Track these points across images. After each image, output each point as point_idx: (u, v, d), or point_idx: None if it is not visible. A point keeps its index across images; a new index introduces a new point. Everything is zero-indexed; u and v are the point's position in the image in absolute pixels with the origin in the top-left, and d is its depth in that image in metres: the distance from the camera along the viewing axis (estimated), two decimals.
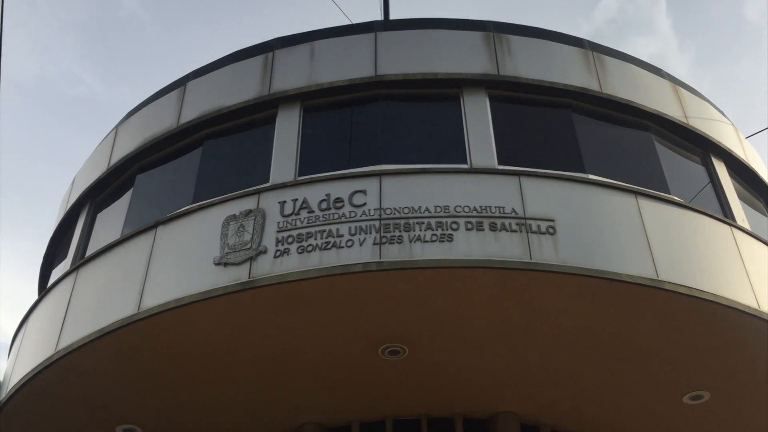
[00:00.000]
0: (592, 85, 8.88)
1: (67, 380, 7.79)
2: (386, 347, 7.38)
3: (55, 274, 10.14)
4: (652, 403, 8.28)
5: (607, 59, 9.33)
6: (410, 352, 7.46)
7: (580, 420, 8.65)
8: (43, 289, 9.64)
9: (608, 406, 8.38)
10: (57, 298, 8.45)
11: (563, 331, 7.24)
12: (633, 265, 6.88)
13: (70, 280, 8.41)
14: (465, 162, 7.89)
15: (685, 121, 9.28)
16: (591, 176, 7.88)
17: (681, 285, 6.89)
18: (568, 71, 8.92)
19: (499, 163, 7.86)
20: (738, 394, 8.14)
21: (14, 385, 8.08)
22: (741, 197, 9.39)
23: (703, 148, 9.48)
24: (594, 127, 8.78)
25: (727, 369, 7.73)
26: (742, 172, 9.86)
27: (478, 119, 8.28)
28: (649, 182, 8.19)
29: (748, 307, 7.17)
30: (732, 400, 8.24)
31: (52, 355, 7.57)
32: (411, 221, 6.96)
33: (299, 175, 7.91)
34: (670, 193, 8.16)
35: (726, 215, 8.62)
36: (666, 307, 6.99)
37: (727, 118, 10.29)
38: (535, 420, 8.62)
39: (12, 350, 9.29)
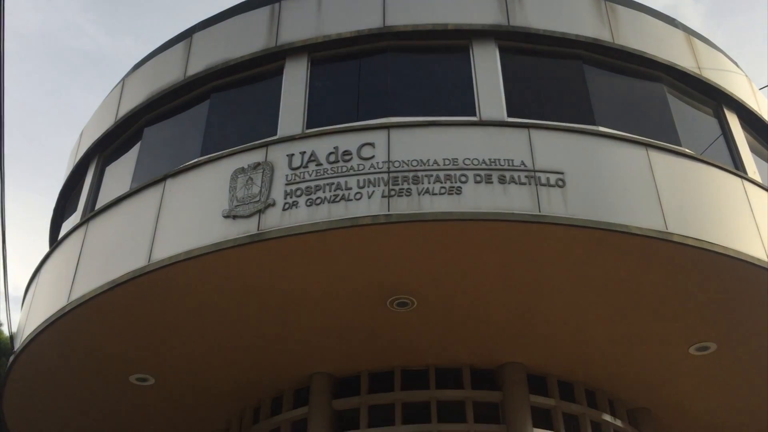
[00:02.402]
0: (604, 35, 8.73)
1: (80, 331, 7.91)
2: (395, 299, 7.44)
3: (66, 227, 10.21)
4: (658, 354, 8.35)
5: (620, 9, 9.16)
6: (418, 303, 7.52)
7: (587, 370, 8.75)
8: (54, 242, 9.72)
9: (615, 356, 8.46)
10: (68, 250, 8.52)
11: (571, 283, 7.27)
12: (642, 218, 6.86)
13: (80, 232, 8.47)
14: (474, 114, 7.82)
15: (698, 72, 9.15)
16: (601, 128, 7.80)
17: (690, 237, 6.88)
18: (580, 21, 8.76)
19: (509, 116, 7.79)
20: (744, 345, 8.20)
21: (28, 336, 8.21)
22: (753, 149, 9.31)
23: (715, 99, 9.36)
24: (605, 79, 8.66)
25: (734, 320, 7.78)
26: (754, 123, 9.75)
27: (488, 71, 8.18)
28: (660, 134, 8.11)
29: (757, 259, 7.17)
30: (738, 351, 8.30)
31: (65, 306, 7.67)
32: (420, 174, 6.94)
33: (307, 128, 7.88)
34: (681, 146, 8.09)
35: (737, 167, 8.56)
36: (674, 260, 6.99)
37: (740, 69, 10.14)
38: (541, 370, 8.72)
39: (25, 302, 9.42)
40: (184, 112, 9.29)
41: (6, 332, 10.61)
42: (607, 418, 8.92)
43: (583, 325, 7.89)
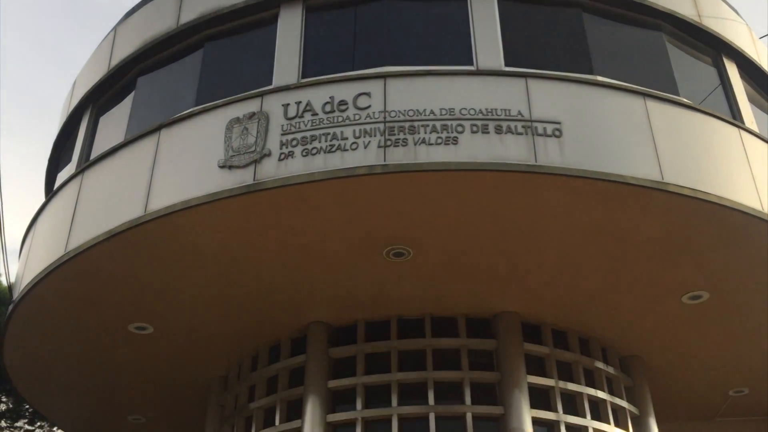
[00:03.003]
0: None
1: (78, 280, 7.96)
2: (391, 249, 7.48)
3: (61, 178, 10.18)
4: (651, 303, 8.45)
5: None
6: (414, 253, 7.56)
7: (581, 319, 8.86)
8: (50, 192, 9.69)
9: (609, 305, 8.56)
10: (64, 200, 8.51)
11: (566, 233, 7.30)
12: (638, 168, 6.86)
13: (75, 183, 8.45)
14: (471, 64, 7.74)
15: (699, 21, 9.03)
16: (599, 78, 7.74)
17: (685, 187, 6.90)
18: None
19: (506, 65, 7.71)
20: (736, 294, 8.29)
21: (26, 285, 8.26)
22: (751, 100, 9.26)
23: (715, 48, 9.26)
24: (604, 28, 8.55)
25: (727, 270, 7.85)
26: (754, 73, 9.68)
27: (486, 19, 8.07)
28: (658, 84, 8.05)
29: (752, 209, 7.20)
30: (730, 300, 8.40)
31: (62, 256, 7.70)
32: (416, 124, 6.90)
33: (302, 77, 7.80)
34: (679, 95, 8.04)
35: (735, 117, 8.53)
36: (670, 209, 7.02)
37: (741, 17, 10.01)
38: (536, 319, 8.83)
39: (22, 252, 9.46)
40: (178, 62, 9.18)
41: (4, 282, 10.67)
42: (600, 365, 9.07)
43: (577, 274, 7.96)
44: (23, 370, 9.92)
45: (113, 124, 9.35)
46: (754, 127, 8.49)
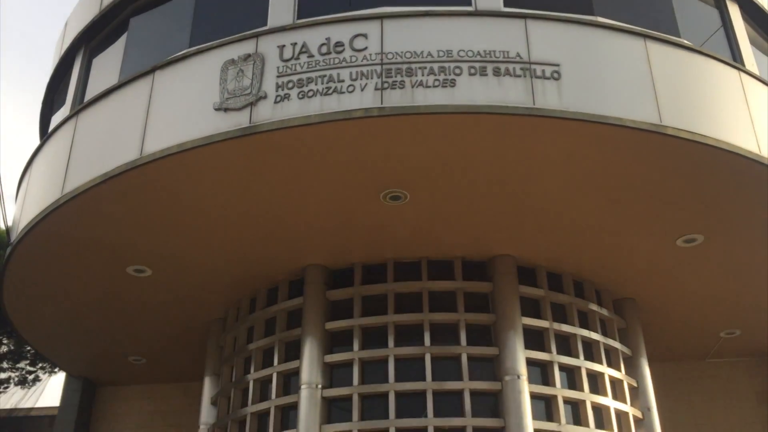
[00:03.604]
0: None
1: (75, 223, 7.97)
2: (388, 192, 7.48)
3: (55, 120, 10.09)
4: (646, 246, 8.51)
5: None
6: (411, 197, 7.57)
7: (576, 262, 8.94)
8: (45, 135, 9.63)
9: (604, 248, 8.62)
10: (59, 142, 8.46)
11: (563, 176, 7.30)
12: (637, 111, 6.82)
13: (70, 125, 8.38)
14: (470, 4, 7.60)
15: None
16: (600, 19, 7.62)
17: (683, 130, 6.87)
18: None
19: (505, 5, 7.58)
20: (731, 238, 8.35)
21: (24, 228, 8.27)
22: (753, 42, 9.15)
23: None
24: None
25: (723, 213, 7.89)
26: (755, 15, 9.54)
27: None
28: (659, 26, 7.94)
29: (749, 152, 7.19)
30: (724, 244, 8.46)
31: (59, 199, 7.69)
32: (413, 66, 6.82)
33: (298, 18, 7.67)
34: (680, 37, 7.93)
35: (735, 59, 8.44)
36: (668, 152, 7.00)
37: None
38: (531, 262, 8.90)
39: (19, 195, 9.44)
40: (171, 2, 9.01)
41: (2, 225, 10.69)
42: (594, 307, 9.20)
43: (573, 218, 7.99)
44: (23, 313, 10.01)
45: (107, 66, 9.23)
46: (755, 70, 8.41)
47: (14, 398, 15.13)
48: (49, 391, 15.05)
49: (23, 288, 9.30)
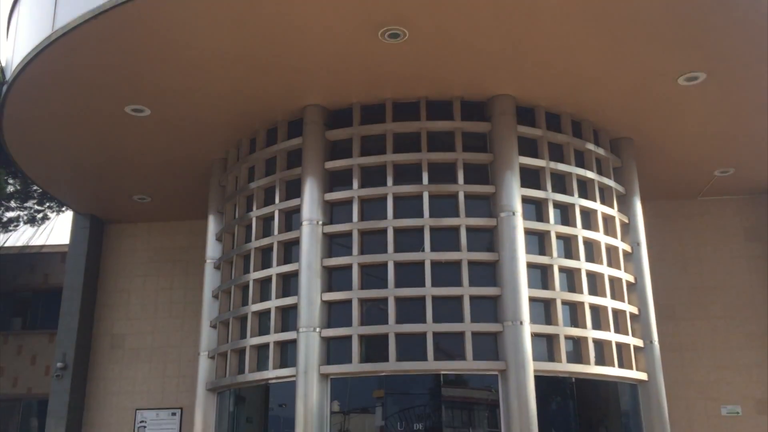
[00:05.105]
0: None
1: (69, 62, 7.85)
2: (386, 30, 7.29)
3: None
4: (647, 84, 8.43)
5: None
6: (410, 35, 7.39)
7: (575, 101, 8.89)
8: None
9: (604, 86, 8.54)
10: None
11: (565, 11, 7.08)
12: None
13: None
14: None
15: None
16: None
17: None
18: None
19: None
20: (733, 76, 8.26)
21: (18, 65, 8.14)
22: None
23: None
24: None
25: (726, 50, 7.75)
26: None
27: None
28: None
29: None
30: (726, 82, 8.38)
31: (50, 35, 7.51)
32: None
33: None
34: None
35: None
36: None
37: None
38: (530, 102, 8.86)
39: (9, 35, 9.23)
40: None
41: None
42: (590, 146, 9.28)
43: (574, 54, 7.84)
44: (24, 151, 10.08)
45: None
46: None
47: (24, 236, 15.62)
48: (59, 229, 15.52)
49: (22, 128, 9.31)
